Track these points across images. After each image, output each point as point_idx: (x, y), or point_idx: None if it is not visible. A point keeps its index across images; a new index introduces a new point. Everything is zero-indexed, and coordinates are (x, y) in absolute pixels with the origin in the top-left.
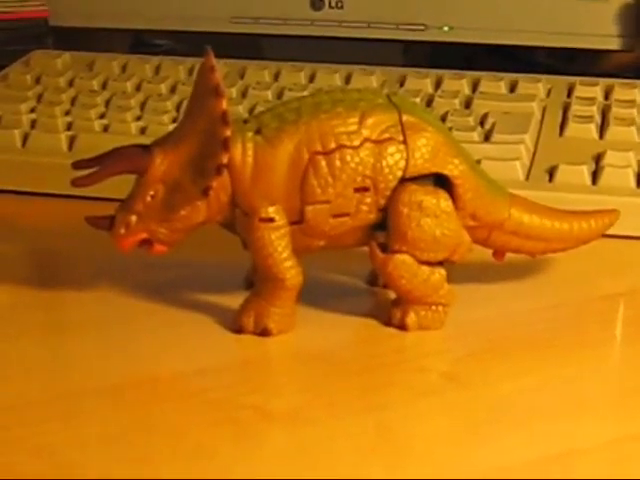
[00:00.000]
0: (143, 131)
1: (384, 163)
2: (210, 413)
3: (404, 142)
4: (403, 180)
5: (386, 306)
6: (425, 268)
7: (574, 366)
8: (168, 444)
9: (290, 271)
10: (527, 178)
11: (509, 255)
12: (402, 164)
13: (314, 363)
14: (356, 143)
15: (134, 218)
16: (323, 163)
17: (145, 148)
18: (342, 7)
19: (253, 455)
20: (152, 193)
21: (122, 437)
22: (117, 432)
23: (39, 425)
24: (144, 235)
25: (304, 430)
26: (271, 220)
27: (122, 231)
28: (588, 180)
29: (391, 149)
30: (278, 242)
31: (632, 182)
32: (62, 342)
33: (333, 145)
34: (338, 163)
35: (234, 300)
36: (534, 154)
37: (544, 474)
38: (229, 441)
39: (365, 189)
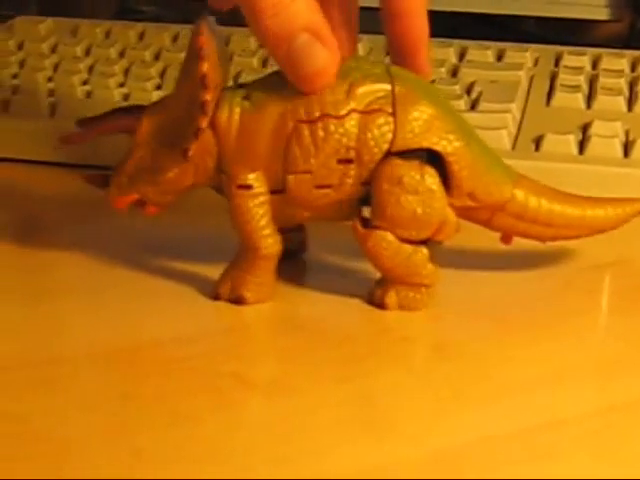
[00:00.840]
0: (126, 98)
1: (369, 135)
2: (189, 381)
3: (393, 114)
4: (390, 154)
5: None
6: (407, 246)
7: (559, 337)
8: (146, 412)
9: (267, 240)
10: (513, 147)
11: None
12: (389, 137)
13: (294, 332)
14: (342, 113)
15: (125, 179)
16: (306, 132)
17: (137, 109)
18: None
19: (233, 423)
20: (141, 155)
21: (100, 405)
22: (95, 400)
23: (16, 391)
24: (136, 196)
25: (284, 399)
26: (249, 187)
27: (115, 191)
28: (575, 150)
29: (379, 121)
30: (256, 210)
31: (619, 152)
32: (41, 309)
33: (317, 114)
34: (321, 133)
35: (219, 269)
36: (521, 123)
37: (528, 444)
38: (208, 409)
39: (349, 161)
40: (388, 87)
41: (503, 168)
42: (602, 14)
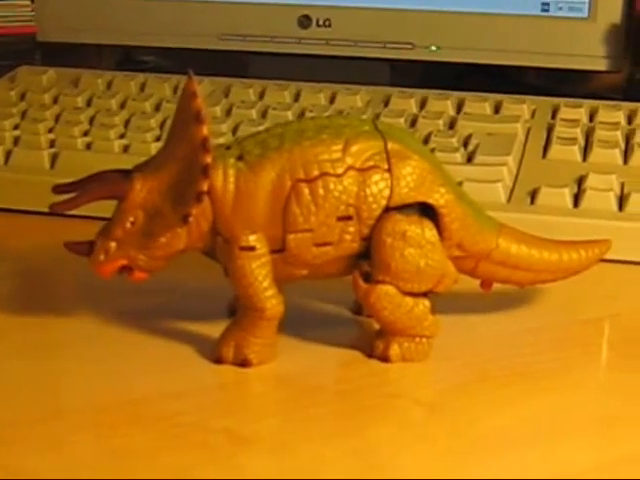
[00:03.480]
0: (126, 149)
1: (368, 192)
2: (181, 437)
3: (389, 170)
4: (387, 209)
5: (370, 336)
6: (409, 299)
7: (555, 393)
8: (138, 467)
9: (270, 301)
10: (509, 200)
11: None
12: (386, 193)
13: (288, 388)
14: (340, 171)
15: (113, 244)
16: (306, 191)
17: (125, 174)
18: (330, 26)
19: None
20: (132, 219)
21: (95, 460)
22: (89, 455)
23: (14, 447)
24: (124, 262)
25: (277, 454)
26: (252, 249)
27: (101, 257)
28: (570, 203)
29: (375, 177)
30: (258, 271)
31: (614, 205)
32: (39, 364)
33: (316, 173)
34: (321, 191)
35: (216, 328)
36: (516, 176)
37: None
38: (200, 465)
39: (348, 218)
40: (381, 144)
41: (487, 218)
42: (601, 65)
